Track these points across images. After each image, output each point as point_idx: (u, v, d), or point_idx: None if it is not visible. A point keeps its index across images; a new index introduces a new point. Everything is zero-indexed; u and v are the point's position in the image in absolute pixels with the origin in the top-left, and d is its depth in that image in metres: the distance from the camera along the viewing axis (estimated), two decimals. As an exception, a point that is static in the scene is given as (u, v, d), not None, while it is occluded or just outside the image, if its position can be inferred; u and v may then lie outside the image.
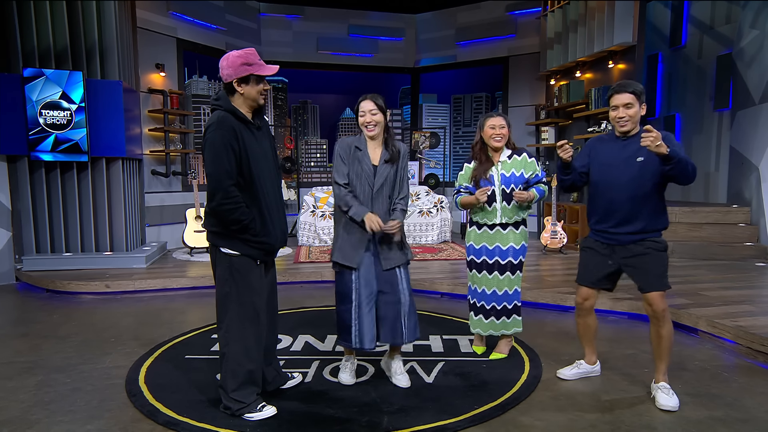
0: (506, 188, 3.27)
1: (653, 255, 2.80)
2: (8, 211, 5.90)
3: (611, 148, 2.90)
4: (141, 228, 6.98)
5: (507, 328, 3.42)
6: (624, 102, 2.77)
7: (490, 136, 3.28)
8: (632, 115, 2.78)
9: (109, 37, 6.19)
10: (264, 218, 2.62)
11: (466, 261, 3.50)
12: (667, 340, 2.81)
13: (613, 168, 2.85)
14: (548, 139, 8.18)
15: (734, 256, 6.25)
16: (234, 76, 2.53)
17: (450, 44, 9.47)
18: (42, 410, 2.78)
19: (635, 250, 2.83)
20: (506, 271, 3.35)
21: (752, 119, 6.57)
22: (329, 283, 5.66)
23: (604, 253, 2.94)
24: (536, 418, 2.67)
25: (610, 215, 2.87)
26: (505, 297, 3.38)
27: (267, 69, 2.58)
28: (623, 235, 2.85)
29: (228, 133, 2.47)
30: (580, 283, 3.07)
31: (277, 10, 9.13)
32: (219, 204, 2.49)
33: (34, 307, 4.96)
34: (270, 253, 2.71)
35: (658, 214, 2.83)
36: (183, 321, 4.43)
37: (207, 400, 2.85)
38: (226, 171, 2.47)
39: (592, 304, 3.07)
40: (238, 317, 2.63)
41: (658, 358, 2.87)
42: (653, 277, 2.78)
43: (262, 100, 2.63)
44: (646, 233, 2.82)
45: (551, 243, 6.85)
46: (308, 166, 11.59)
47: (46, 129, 5.81)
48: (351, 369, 3.13)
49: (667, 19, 8.83)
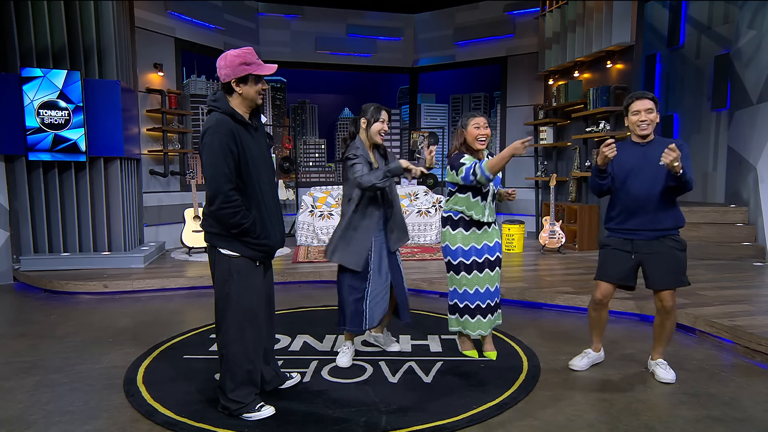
0: (495, 188, 3.38)
1: (674, 254, 3.00)
2: (6, 210, 5.89)
3: (633, 153, 3.06)
4: (139, 228, 6.97)
5: (494, 324, 3.49)
6: (646, 107, 2.98)
7: (475, 137, 3.25)
8: (653, 119, 2.99)
9: (107, 37, 6.18)
10: (264, 220, 2.61)
11: (448, 264, 3.41)
12: (670, 329, 3.11)
13: (639, 172, 3.01)
14: (546, 139, 8.19)
15: (732, 255, 6.27)
16: (232, 76, 2.50)
17: (448, 44, 9.48)
18: (40, 410, 2.77)
19: (657, 246, 3.02)
20: (495, 266, 3.41)
21: (750, 119, 6.58)
22: (328, 283, 5.67)
23: (626, 249, 3.09)
24: (534, 418, 2.67)
25: (634, 215, 3.04)
26: (496, 293, 3.45)
27: (265, 68, 2.55)
28: (647, 232, 3.02)
29: (226, 137, 2.45)
30: (599, 279, 3.20)
31: (276, 9, 9.12)
32: (219, 208, 2.47)
33: (31, 308, 4.95)
34: (269, 254, 2.72)
35: (676, 212, 3.03)
36: (181, 321, 4.43)
37: (205, 400, 2.84)
38: (224, 174, 2.44)
39: (609, 299, 3.23)
40: (237, 318, 2.62)
41: (659, 342, 3.16)
42: (671, 275, 2.99)
43: (260, 100, 2.60)
44: (667, 230, 3.01)
45: (549, 243, 6.86)
46: (306, 165, 11.59)
47: (43, 129, 5.80)
48: (351, 354, 3.36)
49: (665, 19, 8.84)
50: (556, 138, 8.11)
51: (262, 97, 2.62)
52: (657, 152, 2.91)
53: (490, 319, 3.43)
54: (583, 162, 7.31)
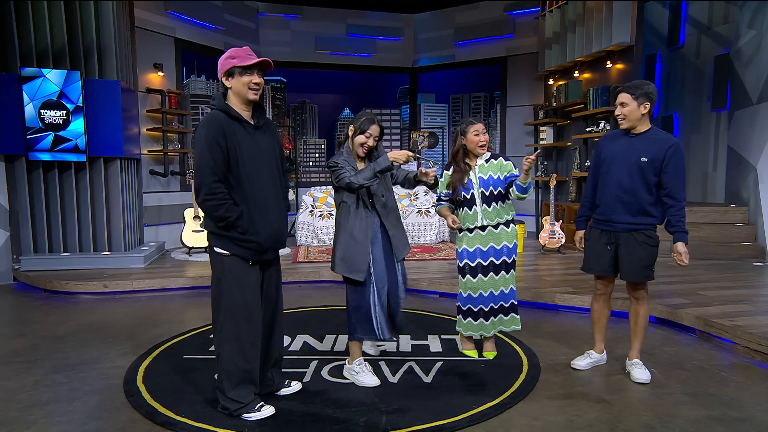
0: (485, 191, 3.30)
1: (645, 249, 3.04)
2: (6, 210, 5.89)
3: (619, 144, 3.10)
4: (139, 228, 6.97)
5: (505, 326, 3.43)
6: (620, 101, 3.02)
7: (476, 144, 3.30)
8: (627, 113, 2.99)
9: (107, 37, 6.18)
10: (252, 216, 2.59)
11: (458, 266, 3.43)
12: (643, 318, 3.18)
13: (618, 163, 3.05)
14: (546, 139, 8.19)
15: (732, 255, 6.27)
16: (221, 71, 2.58)
17: (448, 44, 9.47)
18: (40, 411, 2.77)
19: (628, 239, 3.06)
20: (501, 270, 3.36)
21: (750, 119, 6.58)
22: (327, 283, 5.67)
23: (603, 240, 3.15)
24: (534, 418, 2.67)
25: (610, 206, 3.08)
26: (502, 296, 3.39)
27: (247, 59, 2.55)
28: (621, 225, 3.07)
29: (213, 130, 2.49)
30: (584, 271, 3.29)
31: (276, 9, 9.12)
32: (203, 200, 2.51)
33: (31, 307, 4.95)
34: (260, 252, 2.65)
35: (655, 209, 3.02)
36: (181, 321, 4.42)
37: (205, 400, 2.84)
38: (209, 167, 2.48)
39: (610, 291, 3.29)
40: (231, 317, 2.62)
41: (635, 337, 3.21)
42: (639, 269, 3.05)
43: (251, 95, 2.58)
44: (640, 225, 3.03)
45: (549, 243, 6.86)
46: (306, 165, 11.59)
47: (43, 128, 5.80)
48: (369, 369, 3.11)
49: (665, 19, 8.84)
50: (556, 138, 8.11)
51: (255, 92, 2.59)
52: (640, 146, 2.99)
53: (493, 321, 3.41)
54: (583, 162, 7.31)
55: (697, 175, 8.17)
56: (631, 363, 3.20)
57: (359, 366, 3.10)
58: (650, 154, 2.94)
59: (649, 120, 3.04)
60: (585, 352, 3.38)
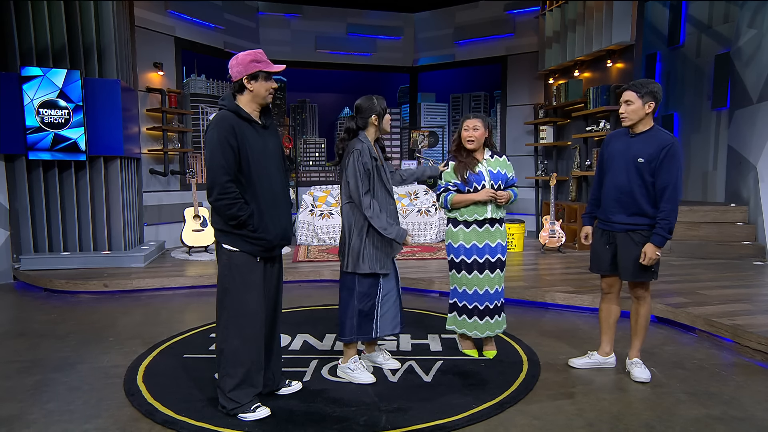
0: (495, 184, 3.33)
1: (641, 249, 3.00)
2: (6, 210, 5.89)
3: (621, 142, 3.10)
4: (139, 227, 6.97)
5: (498, 328, 3.44)
6: (624, 99, 3.00)
7: (464, 139, 3.35)
8: (629, 112, 2.98)
9: (107, 36, 6.18)
10: (262, 214, 2.63)
11: (451, 262, 3.42)
12: (644, 318, 3.16)
13: (617, 163, 3.07)
14: (547, 138, 8.19)
15: (732, 254, 6.27)
16: (244, 73, 2.58)
17: (448, 43, 9.47)
18: (40, 410, 2.77)
19: (626, 240, 3.06)
20: (496, 268, 3.38)
21: (750, 118, 6.58)
22: (327, 282, 5.67)
23: (603, 239, 3.17)
24: (534, 417, 2.67)
25: (609, 206, 3.10)
26: (495, 295, 3.39)
27: (274, 67, 2.64)
28: (618, 225, 3.07)
29: (225, 131, 2.52)
30: (591, 271, 3.29)
31: (276, 9, 9.12)
32: (216, 199, 2.54)
33: (31, 307, 4.95)
34: (268, 249, 2.70)
35: (651, 209, 3.00)
36: (181, 320, 4.43)
37: (205, 399, 2.84)
38: (221, 167, 2.51)
39: (617, 290, 3.26)
40: (235, 314, 2.64)
41: (635, 336, 3.19)
42: (637, 269, 3.04)
43: (270, 98, 2.67)
44: (637, 225, 3.03)
45: (550, 242, 6.86)
46: (307, 165, 11.60)
47: (43, 128, 5.80)
48: (364, 366, 3.14)
49: (665, 19, 8.83)
50: (556, 137, 8.11)
51: (272, 95, 2.67)
52: (638, 146, 2.99)
53: (488, 321, 3.40)
54: (583, 161, 7.31)
55: (698, 174, 8.17)
56: (631, 362, 3.19)
57: (354, 364, 3.10)
58: (647, 155, 2.94)
59: (652, 119, 3.02)
60: (587, 353, 3.37)
